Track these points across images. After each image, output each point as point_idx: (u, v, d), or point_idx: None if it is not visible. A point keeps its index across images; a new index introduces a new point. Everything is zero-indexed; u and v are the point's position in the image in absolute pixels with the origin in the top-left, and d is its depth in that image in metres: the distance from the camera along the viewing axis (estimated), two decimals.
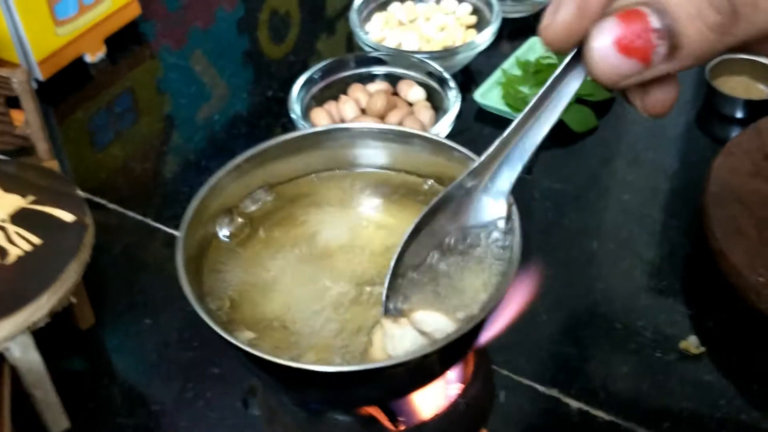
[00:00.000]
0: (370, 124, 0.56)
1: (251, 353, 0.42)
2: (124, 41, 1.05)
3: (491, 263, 0.48)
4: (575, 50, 0.37)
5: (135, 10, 1.06)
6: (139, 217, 0.82)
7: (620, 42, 0.34)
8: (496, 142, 0.43)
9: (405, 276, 0.46)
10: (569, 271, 0.75)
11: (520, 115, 0.42)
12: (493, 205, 0.46)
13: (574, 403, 0.65)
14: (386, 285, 0.45)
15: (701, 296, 0.72)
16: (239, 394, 0.67)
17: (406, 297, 0.46)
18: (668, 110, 0.37)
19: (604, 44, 0.34)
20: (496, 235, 0.47)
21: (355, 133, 0.55)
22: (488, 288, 0.47)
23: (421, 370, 0.44)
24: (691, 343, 0.68)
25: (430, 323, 0.45)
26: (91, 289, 0.72)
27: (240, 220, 0.53)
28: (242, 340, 0.44)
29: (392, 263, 0.45)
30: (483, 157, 0.44)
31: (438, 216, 0.46)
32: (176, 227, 0.80)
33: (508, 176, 0.45)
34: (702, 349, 0.68)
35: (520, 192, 0.74)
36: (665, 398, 0.65)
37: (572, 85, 0.40)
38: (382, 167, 0.55)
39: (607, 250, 0.77)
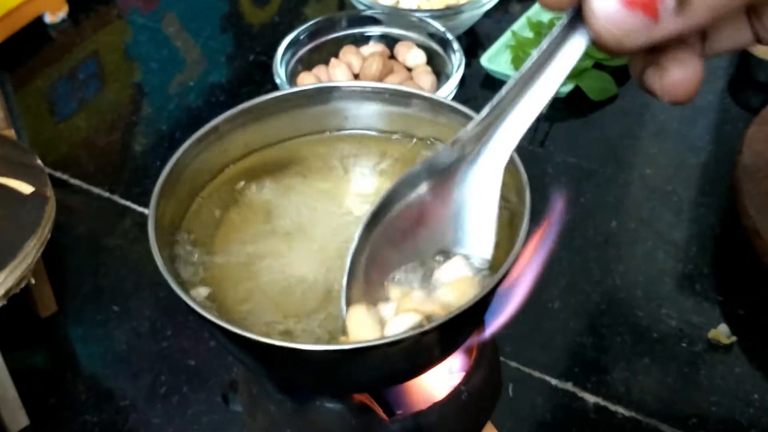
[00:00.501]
0: (360, 82, 0.56)
1: (239, 334, 0.42)
2: (87, 0, 1.06)
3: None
4: (575, 9, 0.36)
5: None
6: (106, 194, 0.83)
7: None
8: (487, 109, 0.42)
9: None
10: (585, 254, 0.75)
11: (513, 82, 0.41)
12: (484, 183, 0.46)
13: (591, 398, 0.65)
14: (345, 279, 0.44)
15: (732, 281, 0.73)
16: (218, 388, 0.68)
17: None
18: (691, 94, 0.36)
19: None
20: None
21: (344, 93, 0.55)
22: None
23: (419, 350, 0.44)
24: (721, 332, 0.69)
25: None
26: (52, 273, 0.72)
27: (218, 191, 0.54)
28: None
29: (351, 252, 0.44)
30: (472, 125, 0.43)
31: (415, 190, 0.45)
32: (147, 205, 0.81)
33: (503, 149, 0.44)
34: (733, 338, 0.69)
35: (531, 166, 0.75)
36: (691, 393, 0.66)
37: (574, 49, 0.39)
38: (375, 129, 0.55)
39: (627, 229, 0.77)
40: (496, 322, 0.52)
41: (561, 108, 0.89)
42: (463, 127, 0.47)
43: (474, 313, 0.45)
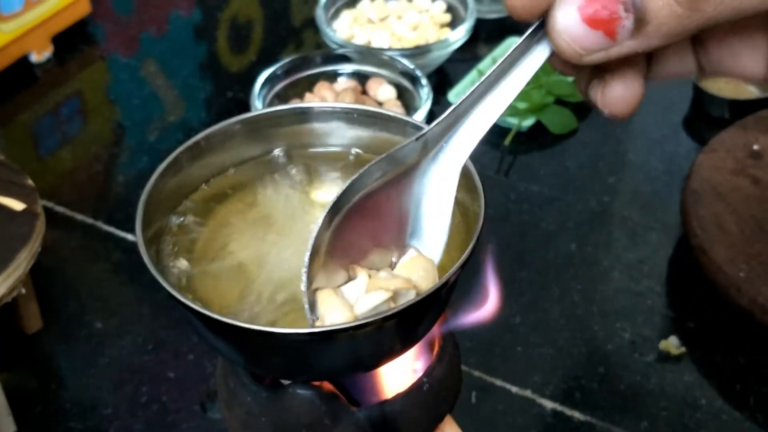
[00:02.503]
0: (330, 103, 0.62)
1: (211, 317, 0.48)
2: (72, 41, 1.13)
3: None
4: (539, 21, 0.41)
5: (84, 8, 1.14)
6: (90, 221, 0.89)
7: (585, 11, 0.37)
8: (451, 108, 0.47)
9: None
10: (545, 274, 0.82)
11: (477, 85, 0.46)
12: (443, 179, 0.50)
13: (549, 404, 0.71)
14: (306, 259, 0.48)
15: (682, 297, 0.79)
16: (196, 397, 0.73)
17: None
18: (630, 111, 0.41)
19: (569, 13, 0.38)
20: None
21: (315, 114, 0.62)
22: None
23: (385, 335, 0.50)
24: (672, 344, 0.75)
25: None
26: (38, 293, 0.78)
27: (196, 204, 0.59)
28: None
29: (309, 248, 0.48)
30: (432, 126, 0.48)
31: (378, 180, 0.49)
32: (130, 230, 0.87)
33: (463, 148, 0.49)
34: (682, 349, 0.75)
35: (495, 194, 0.82)
36: (643, 398, 0.72)
37: (536, 59, 0.44)
38: (339, 146, 0.62)
39: (584, 252, 0.84)
40: (457, 318, 0.58)
41: (524, 141, 0.96)
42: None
43: (436, 300, 0.51)
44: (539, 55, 0.43)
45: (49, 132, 1.02)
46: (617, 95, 0.40)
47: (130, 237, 0.86)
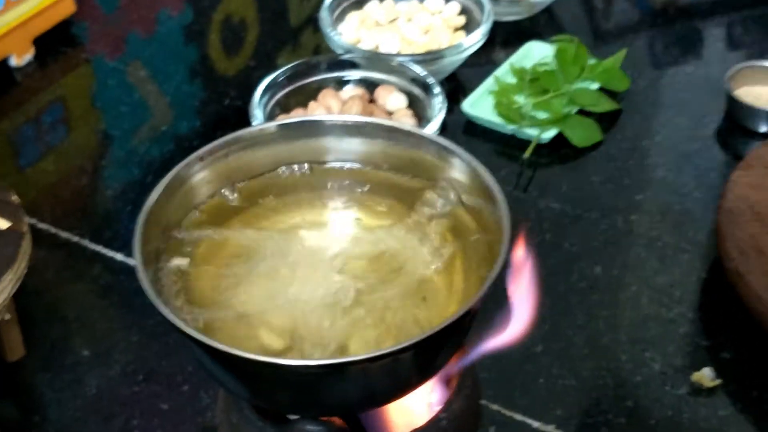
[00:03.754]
0: (342, 116, 0.64)
1: (221, 350, 0.48)
2: (54, 42, 1.14)
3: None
4: None
5: (69, 8, 1.15)
6: (75, 239, 0.89)
7: None
8: None
9: None
10: (568, 299, 0.83)
11: None
12: None
13: None
14: None
15: (716, 325, 0.80)
16: (192, 431, 0.73)
17: None
18: None
19: None
20: None
21: (325, 127, 0.63)
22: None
23: (397, 368, 0.51)
24: (705, 375, 0.76)
25: None
26: (20, 317, 0.78)
27: (202, 220, 0.61)
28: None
29: None
30: None
31: None
32: (118, 249, 0.88)
33: None
34: (717, 381, 0.75)
35: (513, 212, 0.83)
36: None
37: None
38: (355, 162, 0.63)
39: (610, 275, 0.85)
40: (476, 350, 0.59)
41: (544, 154, 0.97)
42: (440, 159, 0.56)
43: (455, 330, 0.52)
44: None
45: (30, 141, 1.03)
46: None
47: (118, 256, 0.87)
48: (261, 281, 0.58)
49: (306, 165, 0.63)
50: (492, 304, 0.58)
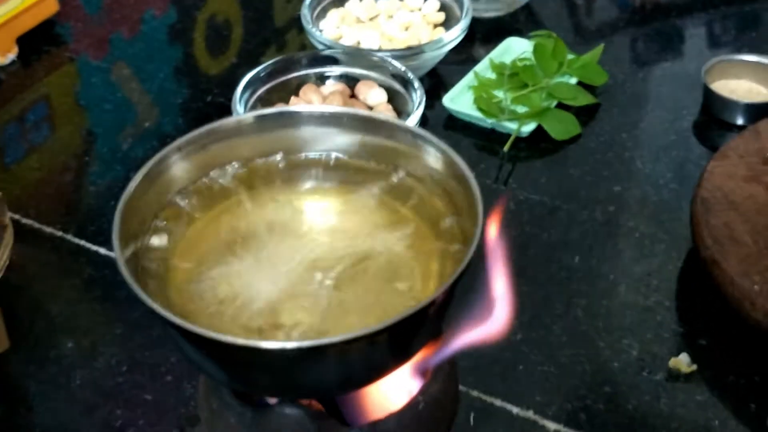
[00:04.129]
0: (320, 107, 0.64)
1: (194, 332, 0.49)
2: (38, 41, 1.14)
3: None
4: None
5: (52, 7, 1.15)
6: (59, 234, 0.90)
7: None
8: None
9: None
10: (547, 288, 0.83)
11: None
12: None
13: (552, 425, 0.73)
14: None
15: (693, 312, 0.81)
16: (175, 421, 0.74)
17: None
18: None
19: None
20: None
21: (302, 118, 0.64)
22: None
23: (374, 351, 0.52)
24: (682, 361, 0.77)
25: None
26: (4, 311, 0.79)
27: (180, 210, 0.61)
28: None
29: None
30: None
31: None
32: (101, 243, 0.88)
33: None
34: (693, 367, 0.76)
35: (493, 204, 0.84)
36: (653, 419, 0.73)
37: None
38: (332, 152, 0.64)
39: (589, 265, 0.85)
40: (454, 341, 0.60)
41: (524, 147, 0.98)
42: (414, 147, 0.57)
43: (429, 313, 0.53)
44: None
45: (14, 139, 1.03)
46: None
47: (102, 251, 0.88)
48: (238, 269, 0.59)
49: (281, 155, 0.64)
50: (472, 294, 0.59)
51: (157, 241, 0.59)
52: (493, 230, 0.56)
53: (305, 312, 0.55)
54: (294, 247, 0.59)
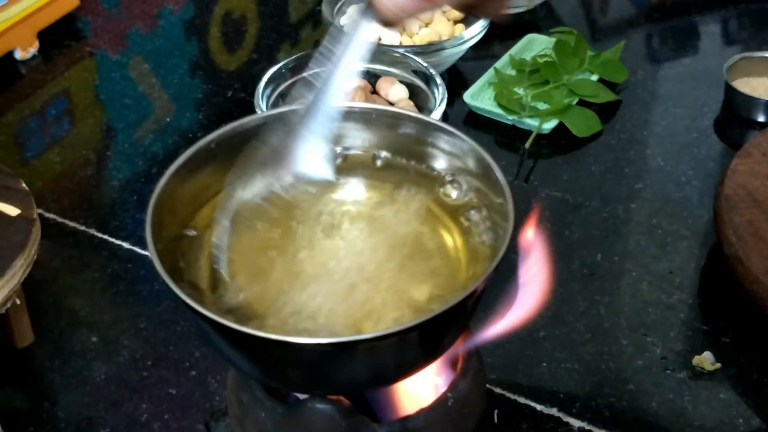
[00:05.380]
0: (350, 103, 0.64)
1: (227, 326, 0.49)
2: (58, 36, 1.14)
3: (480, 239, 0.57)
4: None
5: (72, 2, 1.15)
6: (81, 228, 0.90)
7: None
8: (312, 94, 0.56)
9: None
10: (570, 286, 0.83)
11: (328, 65, 0.56)
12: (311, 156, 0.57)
13: (576, 423, 0.73)
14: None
15: (716, 309, 0.81)
16: (200, 416, 0.74)
17: None
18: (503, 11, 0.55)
19: None
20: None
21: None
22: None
23: (405, 347, 0.52)
24: (706, 359, 0.77)
25: None
26: (29, 305, 0.79)
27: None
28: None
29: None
30: (302, 107, 0.56)
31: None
32: (125, 238, 0.88)
33: (325, 118, 0.57)
34: (717, 365, 0.76)
35: (515, 201, 0.83)
36: (676, 418, 0.73)
37: (363, 32, 0.55)
38: (362, 148, 0.64)
39: (611, 262, 0.85)
40: (482, 332, 0.60)
41: (545, 144, 0.98)
42: (447, 144, 0.57)
43: (461, 311, 0.53)
44: (367, 28, 0.55)
45: (35, 134, 1.03)
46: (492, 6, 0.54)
47: (125, 245, 0.88)
48: (275, 266, 0.59)
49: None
50: (499, 289, 0.59)
51: (190, 234, 0.59)
52: (525, 235, 0.57)
53: (338, 307, 0.55)
54: (330, 247, 0.59)
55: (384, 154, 0.64)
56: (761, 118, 0.99)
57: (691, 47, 1.14)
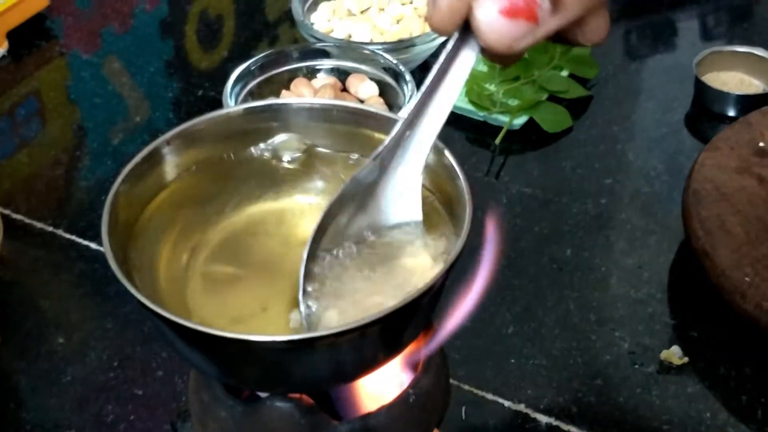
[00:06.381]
0: (308, 99, 0.64)
1: (187, 327, 0.49)
2: (28, 36, 1.14)
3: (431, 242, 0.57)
4: (462, 27, 0.46)
5: (42, 1, 1.15)
6: (49, 229, 0.90)
7: (503, 5, 0.44)
8: (400, 122, 0.52)
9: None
10: (539, 281, 0.83)
11: (418, 96, 0.52)
12: (406, 187, 0.55)
13: (544, 418, 0.73)
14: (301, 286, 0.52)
15: (684, 304, 0.81)
16: (167, 416, 0.74)
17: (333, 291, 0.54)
18: (607, 34, 0.49)
19: (489, 11, 0.44)
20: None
21: (293, 111, 0.63)
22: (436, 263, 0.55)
23: (364, 343, 0.52)
24: (674, 353, 0.77)
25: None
26: None
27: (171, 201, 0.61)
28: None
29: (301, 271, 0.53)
30: (388, 139, 0.53)
31: (341, 216, 0.54)
32: (92, 238, 0.88)
33: (417, 157, 0.54)
34: (685, 359, 0.77)
35: (485, 197, 0.84)
36: (644, 412, 0.73)
37: (467, 60, 0.50)
38: (321, 146, 0.63)
39: (580, 258, 0.85)
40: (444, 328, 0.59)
41: (515, 140, 0.98)
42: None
43: (419, 305, 0.52)
44: (469, 56, 0.50)
45: (4, 134, 1.03)
46: (597, 26, 0.48)
47: (93, 246, 0.88)
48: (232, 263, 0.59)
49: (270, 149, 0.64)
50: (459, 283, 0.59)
51: (149, 235, 0.58)
52: (485, 222, 0.56)
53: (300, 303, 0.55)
54: (289, 242, 0.59)
55: (341, 151, 0.63)
56: (731, 113, 0.99)
57: (664, 42, 1.15)
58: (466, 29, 0.46)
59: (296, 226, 0.61)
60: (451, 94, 0.52)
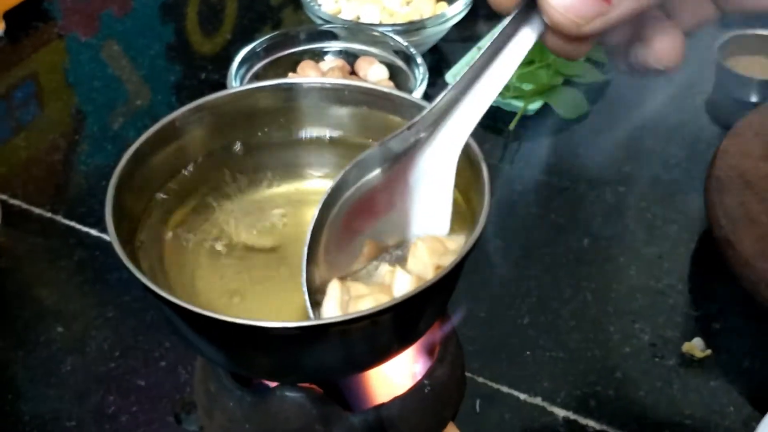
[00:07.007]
0: (320, 79, 0.63)
1: (198, 313, 0.48)
2: (25, 17, 1.13)
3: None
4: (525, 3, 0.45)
5: None
6: (48, 215, 0.89)
7: None
8: (443, 95, 0.51)
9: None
10: (555, 271, 0.83)
11: (470, 66, 0.50)
12: (439, 167, 0.54)
13: (561, 412, 0.72)
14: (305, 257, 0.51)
15: (707, 295, 0.80)
16: (170, 408, 0.73)
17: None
18: (681, 58, 0.46)
19: None
20: None
21: (304, 91, 0.62)
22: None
23: (378, 332, 0.51)
24: (696, 346, 0.76)
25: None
26: None
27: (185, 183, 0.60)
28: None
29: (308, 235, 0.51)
30: (430, 107, 0.51)
31: (370, 173, 0.53)
32: (92, 225, 0.87)
33: (458, 134, 0.53)
34: (707, 352, 0.76)
35: (499, 184, 0.83)
36: (665, 406, 0.73)
37: (527, 37, 0.48)
38: (331, 127, 0.63)
39: (598, 247, 0.85)
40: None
41: (530, 125, 0.97)
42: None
43: (435, 292, 0.52)
44: (530, 33, 0.47)
45: (1, 118, 1.02)
46: (665, 47, 0.45)
47: (93, 232, 0.87)
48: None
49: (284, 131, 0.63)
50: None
51: (154, 219, 0.58)
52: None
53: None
54: (300, 225, 0.58)
55: (353, 134, 0.63)
56: (754, 98, 0.98)
57: None
58: (529, 6, 0.45)
59: (307, 210, 0.60)
60: (505, 71, 0.49)
